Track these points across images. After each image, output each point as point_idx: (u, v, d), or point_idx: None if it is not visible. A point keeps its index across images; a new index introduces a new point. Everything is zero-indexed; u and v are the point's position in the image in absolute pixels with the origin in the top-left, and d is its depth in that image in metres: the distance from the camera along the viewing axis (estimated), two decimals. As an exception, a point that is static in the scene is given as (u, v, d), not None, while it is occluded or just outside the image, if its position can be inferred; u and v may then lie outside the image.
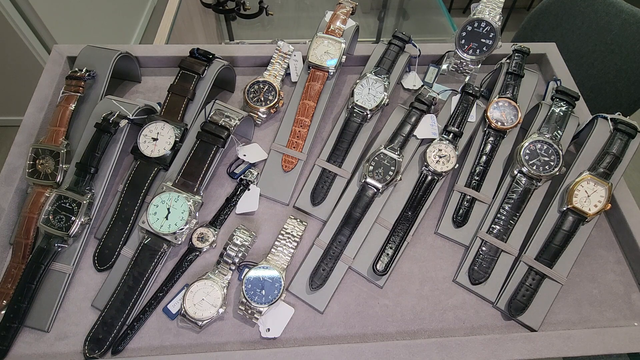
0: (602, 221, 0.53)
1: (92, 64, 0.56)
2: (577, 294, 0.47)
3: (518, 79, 0.56)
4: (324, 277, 0.47)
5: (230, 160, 0.56)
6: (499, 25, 0.56)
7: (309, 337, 0.44)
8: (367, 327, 0.45)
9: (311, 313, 0.46)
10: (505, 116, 0.55)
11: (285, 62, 0.61)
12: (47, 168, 0.50)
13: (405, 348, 0.42)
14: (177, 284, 0.47)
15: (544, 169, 0.49)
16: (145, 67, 0.64)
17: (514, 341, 0.42)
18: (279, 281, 0.45)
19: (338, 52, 0.56)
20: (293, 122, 0.56)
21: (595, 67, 0.92)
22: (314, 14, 1.34)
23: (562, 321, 0.46)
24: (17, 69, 1.35)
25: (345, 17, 0.58)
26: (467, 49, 0.58)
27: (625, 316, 0.46)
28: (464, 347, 0.42)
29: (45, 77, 0.59)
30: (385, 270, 0.47)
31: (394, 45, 0.58)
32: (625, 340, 0.43)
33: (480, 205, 0.51)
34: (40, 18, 1.24)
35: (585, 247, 0.48)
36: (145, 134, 0.51)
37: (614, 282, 0.48)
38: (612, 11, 0.87)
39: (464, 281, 0.48)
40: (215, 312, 0.43)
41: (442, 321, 0.46)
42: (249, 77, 0.61)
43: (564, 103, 0.53)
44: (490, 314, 0.46)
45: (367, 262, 0.48)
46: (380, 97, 0.55)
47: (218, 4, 1.22)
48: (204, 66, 0.54)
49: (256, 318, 0.44)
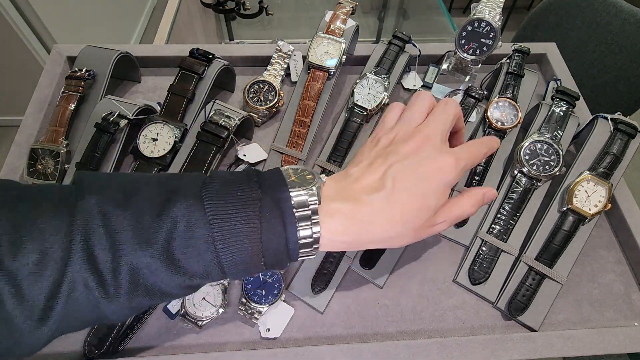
0: (602, 221, 0.53)
1: (92, 64, 0.55)
2: (577, 294, 0.47)
3: (518, 78, 0.56)
4: (326, 281, 0.46)
5: (230, 160, 0.55)
6: (499, 25, 0.56)
7: (309, 337, 0.44)
8: (367, 327, 0.45)
9: (311, 313, 0.46)
10: (505, 116, 0.55)
11: (285, 62, 0.61)
12: (47, 168, 0.50)
13: (405, 348, 0.42)
14: (177, 284, 0.47)
15: (544, 169, 0.49)
16: (145, 67, 0.64)
17: (514, 341, 0.42)
18: (279, 281, 0.45)
19: (338, 52, 0.56)
20: (293, 122, 0.56)
21: (596, 66, 0.92)
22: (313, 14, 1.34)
23: (563, 321, 0.46)
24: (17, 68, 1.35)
25: (345, 17, 0.58)
26: (467, 49, 0.58)
27: (625, 316, 0.46)
28: (464, 347, 0.42)
29: (45, 77, 0.59)
30: (368, 263, 0.47)
31: (394, 45, 0.58)
32: (625, 340, 0.43)
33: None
34: (40, 18, 1.24)
35: (586, 247, 0.48)
36: (145, 134, 0.51)
37: (614, 282, 0.48)
38: (612, 11, 0.87)
39: (464, 281, 0.48)
40: (215, 312, 0.43)
41: (442, 321, 0.46)
42: (249, 77, 0.61)
43: (564, 103, 0.53)
44: (491, 314, 0.46)
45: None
46: (380, 97, 0.55)
47: (218, 4, 1.22)
48: (203, 66, 0.54)
49: (256, 318, 0.44)
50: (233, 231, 0.27)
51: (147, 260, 0.26)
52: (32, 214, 0.25)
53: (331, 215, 0.30)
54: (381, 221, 0.31)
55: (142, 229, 0.26)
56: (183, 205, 0.27)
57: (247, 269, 0.29)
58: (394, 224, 0.31)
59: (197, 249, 0.27)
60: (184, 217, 0.27)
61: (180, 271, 0.27)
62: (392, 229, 0.31)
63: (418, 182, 0.32)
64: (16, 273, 0.24)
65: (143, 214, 0.27)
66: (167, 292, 0.28)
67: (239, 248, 0.27)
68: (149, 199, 0.28)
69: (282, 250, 0.29)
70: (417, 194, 0.31)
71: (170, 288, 0.28)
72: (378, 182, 0.32)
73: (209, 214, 0.27)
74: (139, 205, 0.27)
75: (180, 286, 0.28)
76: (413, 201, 0.31)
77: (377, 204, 0.31)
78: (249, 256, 0.28)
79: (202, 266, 0.27)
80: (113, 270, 0.26)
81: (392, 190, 0.31)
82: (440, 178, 0.32)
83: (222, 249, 0.27)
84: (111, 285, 0.26)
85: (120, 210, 0.26)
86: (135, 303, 0.27)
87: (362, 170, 0.33)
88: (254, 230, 0.27)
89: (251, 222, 0.27)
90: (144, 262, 0.26)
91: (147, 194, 0.28)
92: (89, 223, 0.26)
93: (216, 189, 0.28)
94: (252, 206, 0.28)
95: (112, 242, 0.26)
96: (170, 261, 0.27)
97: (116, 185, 0.28)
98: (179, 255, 0.27)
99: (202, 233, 0.27)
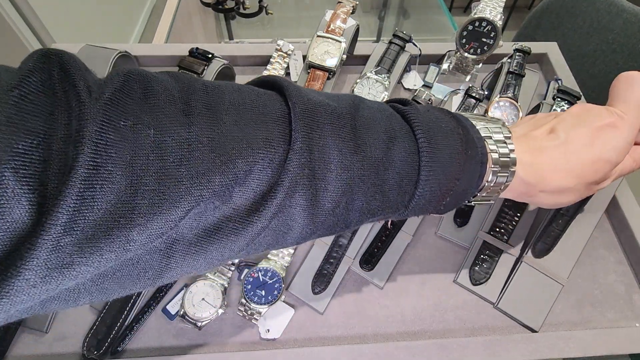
0: (604, 221, 0.52)
1: (91, 63, 0.55)
2: (578, 295, 0.47)
3: (519, 78, 0.56)
4: (326, 282, 0.46)
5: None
6: (500, 24, 0.55)
7: (309, 338, 0.44)
8: (367, 327, 0.45)
9: (311, 314, 0.45)
10: (506, 116, 0.54)
11: (285, 62, 0.61)
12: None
13: (406, 349, 0.41)
14: (176, 285, 0.47)
15: (545, 169, 0.49)
16: (144, 66, 0.64)
17: (514, 342, 0.42)
18: (279, 282, 0.44)
19: (338, 51, 0.56)
20: (293, 121, 0.56)
21: (597, 66, 0.92)
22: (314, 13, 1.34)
23: (563, 322, 0.46)
24: (16, 68, 1.35)
25: (346, 16, 0.57)
26: (468, 48, 0.58)
27: (626, 317, 0.46)
28: (464, 347, 0.42)
29: (44, 77, 0.59)
30: (368, 264, 0.47)
31: (395, 44, 0.58)
32: (626, 341, 0.42)
33: (481, 205, 0.51)
34: (38, 17, 1.24)
35: (586, 248, 0.48)
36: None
37: (615, 282, 0.48)
38: (614, 10, 0.86)
39: (465, 282, 0.47)
40: (215, 313, 0.43)
41: (443, 322, 0.45)
42: (249, 77, 0.60)
43: (566, 102, 0.53)
44: (491, 315, 0.46)
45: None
46: (380, 97, 0.55)
47: (217, 3, 1.21)
48: (203, 66, 0.54)
49: (256, 319, 0.43)
50: (437, 161, 0.26)
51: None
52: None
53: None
54: (560, 171, 0.31)
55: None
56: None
57: (426, 206, 0.27)
58: (572, 176, 0.31)
59: (401, 173, 0.26)
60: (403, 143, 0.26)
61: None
62: (569, 181, 0.31)
63: (590, 135, 0.31)
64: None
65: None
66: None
67: (439, 179, 0.26)
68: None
69: (469, 191, 0.28)
70: (591, 146, 0.31)
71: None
72: (551, 135, 0.32)
73: (422, 141, 0.26)
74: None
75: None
76: (590, 154, 0.31)
77: (556, 153, 0.31)
78: (442, 191, 0.27)
79: (400, 194, 0.26)
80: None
81: (565, 141, 0.31)
82: (613, 134, 0.32)
83: (424, 177, 0.26)
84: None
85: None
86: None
87: (528, 127, 0.33)
88: (458, 165, 0.26)
89: (455, 157, 0.26)
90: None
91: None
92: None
93: (420, 112, 0.28)
94: (456, 140, 0.27)
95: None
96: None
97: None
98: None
99: (411, 159, 0.26)
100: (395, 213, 0.28)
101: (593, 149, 0.31)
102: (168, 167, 0.20)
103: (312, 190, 0.24)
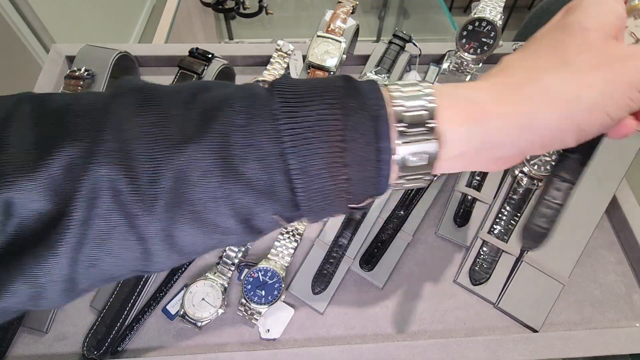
0: (604, 221, 0.52)
1: (91, 64, 0.55)
2: (579, 295, 0.47)
3: (519, 78, 0.56)
4: (326, 282, 0.46)
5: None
6: (500, 24, 0.55)
7: (309, 338, 0.44)
8: (367, 327, 0.45)
9: (311, 314, 0.45)
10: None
11: (285, 62, 0.61)
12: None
13: (406, 349, 0.41)
14: (176, 285, 0.47)
15: (545, 168, 0.49)
16: (144, 66, 0.64)
17: (515, 342, 0.42)
18: (279, 282, 0.44)
19: (338, 51, 0.56)
20: (293, 121, 0.56)
21: (596, 66, 0.92)
22: (314, 13, 1.34)
23: (564, 322, 0.46)
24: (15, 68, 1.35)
25: (346, 16, 0.57)
26: (468, 48, 0.58)
27: (627, 317, 0.46)
28: (464, 347, 0.42)
29: (44, 77, 0.59)
30: (368, 264, 0.47)
31: (395, 44, 0.58)
32: (627, 341, 0.42)
33: (481, 205, 0.51)
34: (38, 17, 1.24)
35: (587, 248, 0.48)
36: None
37: (615, 282, 0.48)
38: (613, 10, 0.86)
39: (465, 282, 0.47)
40: (215, 313, 0.43)
41: (443, 322, 0.45)
42: (249, 77, 0.60)
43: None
44: (491, 315, 0.46)
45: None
46: (380, 97, 0.55)
47: (217, 3, 1.21)
48: (203, 66, 0.54)
49: (256, 319, 0.43)
50: (305, 124, 0.19)
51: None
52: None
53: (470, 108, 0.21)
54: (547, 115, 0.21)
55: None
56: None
57: (323, 188, 0.20)
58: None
59: (259, 149, 0.19)
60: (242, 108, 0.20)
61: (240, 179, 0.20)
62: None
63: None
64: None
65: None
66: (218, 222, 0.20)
67: (314, 147, 0.19)
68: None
69: (370, 158, 0.20)
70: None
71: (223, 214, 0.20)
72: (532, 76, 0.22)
73: (278, 102, 0.20)
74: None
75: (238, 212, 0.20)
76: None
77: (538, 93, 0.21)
78: (327, 163, 0.19)
79: (265, 174, 0.19)
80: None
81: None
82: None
83: (291, 148, 0.19)
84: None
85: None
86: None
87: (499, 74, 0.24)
88: (334, 123, 0.19)
89: (330, 112, 0.19)
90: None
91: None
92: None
93: (286, 84, 0.21)
94: (332, 92, 0.20)
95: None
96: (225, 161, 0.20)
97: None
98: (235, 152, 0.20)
99: (265, 127, 0.19)
100: (285, 203, 0.20)
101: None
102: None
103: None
